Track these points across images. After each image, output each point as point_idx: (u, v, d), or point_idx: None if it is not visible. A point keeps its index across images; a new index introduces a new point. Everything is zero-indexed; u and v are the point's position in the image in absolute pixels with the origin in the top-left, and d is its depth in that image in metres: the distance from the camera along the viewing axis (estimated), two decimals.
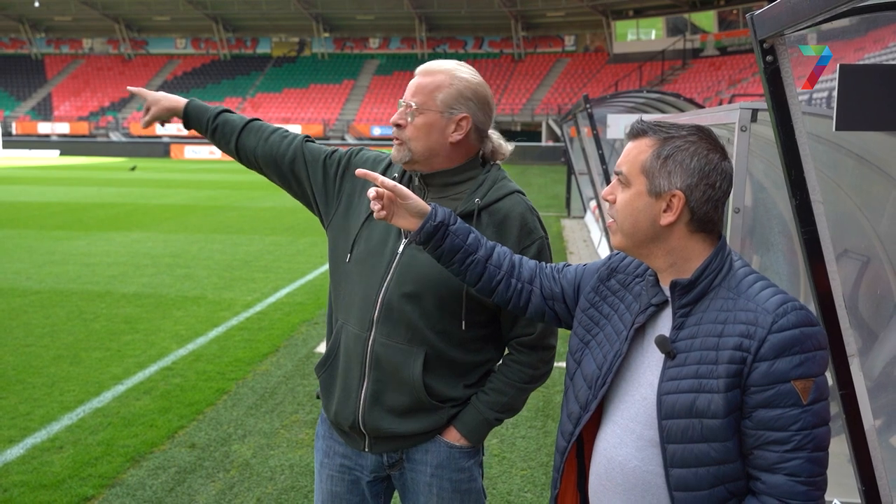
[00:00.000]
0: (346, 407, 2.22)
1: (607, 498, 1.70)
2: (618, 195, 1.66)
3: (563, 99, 50.30)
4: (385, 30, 60.25)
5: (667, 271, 1.65)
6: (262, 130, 2.50)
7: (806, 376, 1.49)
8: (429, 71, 2.21)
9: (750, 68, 41.42)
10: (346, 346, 2.21)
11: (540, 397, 5.82)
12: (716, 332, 1.56)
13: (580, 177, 17.29)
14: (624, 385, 1.70)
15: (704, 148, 1.61)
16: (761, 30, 2.70)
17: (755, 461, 1.54)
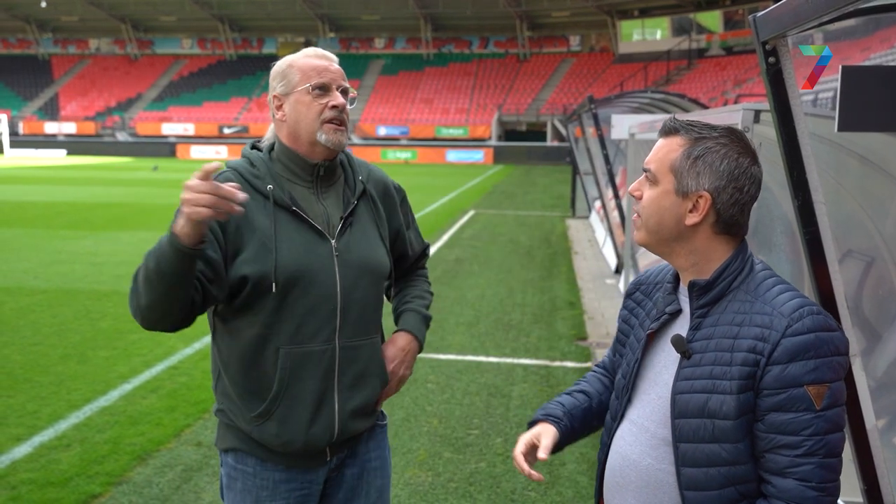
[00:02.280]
0: (317, 430, 2.11)
1: (620, 495, 1.72)
2: (644, 192, 1.66)
3: (568, 99, 50.25)
4: (390, 30, 60.28)
5: (688, 271, 1.66)
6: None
7: (820, 381, 1.48)
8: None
9: (755, 68, 41.31)
10: (300, 370, 2.08)
11: (545, 397, 5.84)
12: (731, 333, 1.56)
13: (585, 177, 17.31)
14: (641, 384, 1.72)
15: (735, 151, 1.60)
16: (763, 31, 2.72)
17: (766, 464, 1.53)
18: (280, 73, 2.14)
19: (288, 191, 2.10)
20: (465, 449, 4.88)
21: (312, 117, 2.09)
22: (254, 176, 2.08)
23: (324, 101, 2.09)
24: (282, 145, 2.15)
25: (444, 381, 6.17)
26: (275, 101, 2.14)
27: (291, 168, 2.12)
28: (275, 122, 2.17)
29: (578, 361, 6.78)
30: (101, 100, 58.11)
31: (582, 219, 17.54)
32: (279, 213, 2.06)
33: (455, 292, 9.55)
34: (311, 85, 2.08)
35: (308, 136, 2.10)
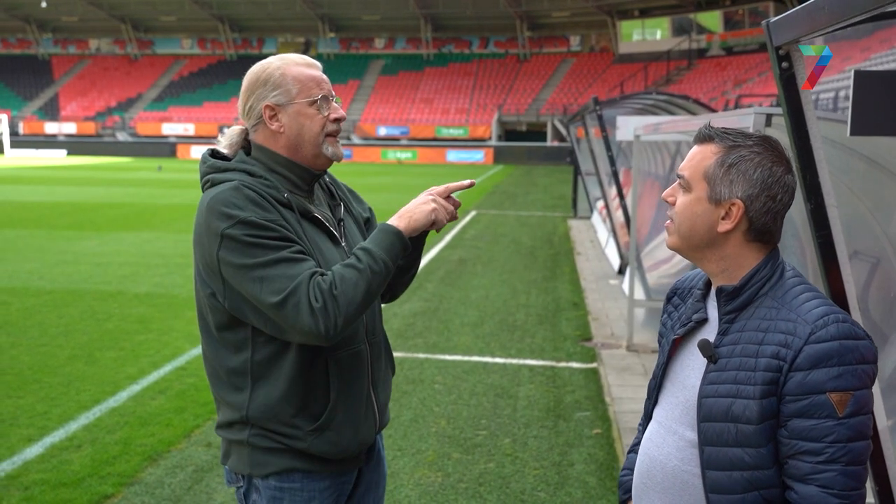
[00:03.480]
0: (365, 428, 2.16)
1: (647, 496, 1.74)
2: (678, 198, 1.69)
3: (568, 99, 50.26)
4: (391, 30, 60.28)
5: (718, 276, 1.68)
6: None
7: (843, 389, 1.49)
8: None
9: (755, 68, 41.33)
10: (350, 373, 2.11)
11: (551, 397, 5.87)
12: (757, 339, 1.58)
13: (587, 177, 17.33)
14: (671, 387, 1.75)
15: (769, 160, 1.63)
16: (777, 37, 2.74)
17: (789, 470, 1.55)
18: (273, 81, 2.06)
19: (296, 199, 2.09)
20: (473, 449, 4.91)
21: (317, 130, 2.08)
22: (267, 187, 2.02)
23: (325, 113, 2.09)
24: (276, 155, 2.09)
25: (451, 381, 6.20)
26: (268, 111, 2.06)
27: (290, 178, 2.10)
28: (264, 132, 2.09)
29: (584, 362, 6.80)
30: (101, 100, 58.11)
31: (584, 219, 17.56)
32: (303, 222, 2.07)
33: (459, 293, 9.58)
34: (315, 98, 2.07)
35: (313, 149, 2.09)
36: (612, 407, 5.70)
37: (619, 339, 7.52)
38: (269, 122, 2.07)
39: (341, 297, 1.90)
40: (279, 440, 2.06)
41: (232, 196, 1.96)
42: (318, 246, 2.06)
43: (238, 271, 1.93)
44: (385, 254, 1.97)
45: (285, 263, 1.91)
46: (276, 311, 1.90)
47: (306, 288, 1.89)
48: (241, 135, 2.16)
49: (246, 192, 1.97)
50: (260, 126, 2.10)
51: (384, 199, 20.65)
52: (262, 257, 1.91)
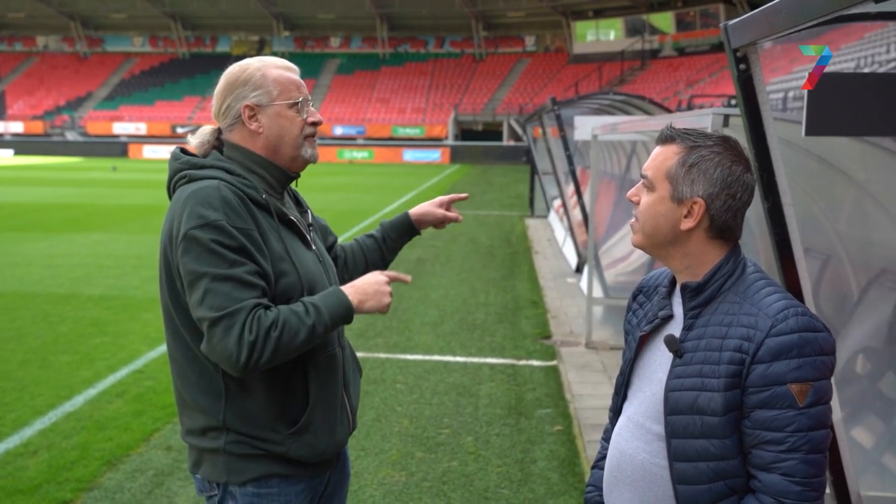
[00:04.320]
0: (340, 431, 2.17)
1: (618, 489, 1.78)
2: (642, 197, 1.73)
3: (524, 99, 50.55)
4: (346, 29, 60.03)
5: (682, 273, 1.72)
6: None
7: (803, 380, 1.54)
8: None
9: (707, 69, 42.02)
10: (327, 376, 2.12)
11: (512, 395, 5.91)
12: (720, 334, 1.62)
13: (544, 177, 17.47)
14: (638, 383, 1.79)
15: (728, 159, 1.67)
16: (736, 39, 2.80)
17: (753, 460, 1.59)
18: (253, 82, 2.07)
19: (272, 201, 2.09)
20: (436, 448, 4.93)
21: (297, 133, 2.10)
22: (246, 187, 2.02)
23: (304, 116, 2.12)
24: (253, 154, 2.10)
25: (413, 381, 6.21)
26: (247, 110, 2.06)
27: (267, 179, 2.11)
28: (241, 132, 2.09)
29: (544, 360, 6.86)
30: (49, 98, 56.87)
31: (541, 218, 17.68)
32: (280, 225, 2.08)
33: (418, 292, 9.59)
34: (295, 101, 2.09)
35: (292, 151, 2.11)
36: (573, 404, 5.76)
37: (578, 336, 7.60)
38: (248, 121, 2.08)
39: (276, 340, 1.90)
40: (258, 445, 2.04)
41: (211, 196, 1.94)
42: (293, 248, 2.07)
43: (189, 274, 1.92)
44: (329, 319, 1.98)
45: (234, 283, 1.90)
46: (207, 326, 1.90)
47: (245, 316, 1.88)
48: (213, 134, 2.14)
49: (225, 193, 1.95)
50: (237, 126, 2.10)
51: (340, 199, 20.57)
52: (215, 269, 1.90)
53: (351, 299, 2.02)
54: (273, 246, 2.02)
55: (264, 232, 2.01)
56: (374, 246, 2.51)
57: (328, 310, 1.98)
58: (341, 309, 2.00)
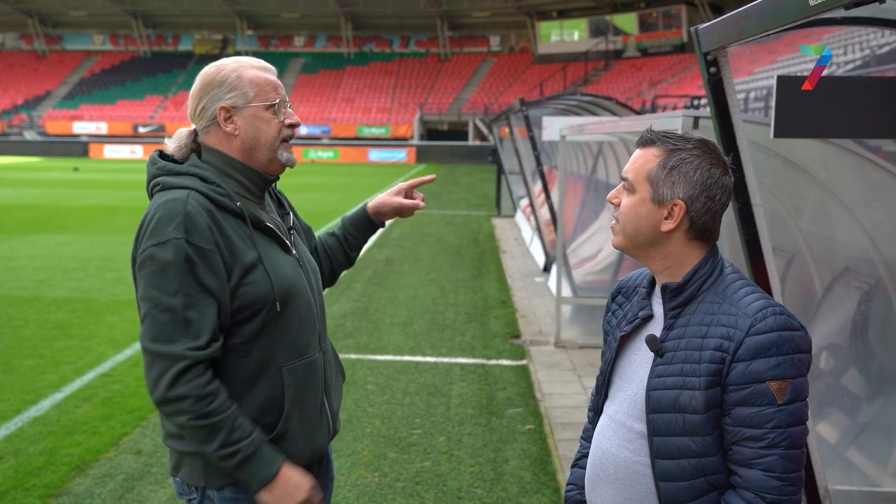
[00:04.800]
0: (320, 437, 2.17)
1: (600, 488, 1.80)
2: (622, 199, 1.76)
3: (489, 98, 50.69)
4: (310, 28, 59.69)
5: (662, 274, 1.75)
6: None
7: (782, 377, 1.58)
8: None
9: (670, 69, 42.49)
10: (305, 383, 2.11)
11: (483, 395, 5.94)
12: (700, 333, 1.66)
13: (510, 176, 17.54)
14: (619, 382, 1.81)
15: (708, 162, 1.70)
16: (706, 43, 2.86)
17: (733, 456, 1.63)
18: (229, 83, 2.05)
19: (249, 207, 2.07)
20: (409, 449, 4.93)
21: (273, 135, 2.07)
22: (219, 195, 2.00)
23: (281, 118, 2.09)
24: (230, 159, 2.07)
25: (384, 381, 6.21)
26: (223, 112, 2.04)
27: (243, 183, 2.08)
28: (217, 134, 2.07)
29: (514, 359, 6.90)
30: (6, 97, 55.75)
31: (508, 218, 17.76)
32: (255, 232, 2.05)
33: (387, 293, 9.59)
34: (272, 103, 2.06)
35: (268, 154, 2.08)
36: (543, 403, 5.80)
37: (547, 335, 7.65)
38: (224, 123, 2.05)
39: (198, 408, 1.90)
40: None
41: (175, 211, 1.94)
42: (268, 255, 2.05)
43: (140, 290, 1.96)
44: (240, 467, 1.94)
45: (172, 316, 1.91)
46: (143, 348, 1.95)
47: (178, 367, 1.90)
48: (189, 136, 2.12)
49: (190, 208, 1.94)
50: (212, 128, 2.07)
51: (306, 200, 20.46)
52: (160, 294, 1.92)
53: (266, 483, 1.97)
54: (244, 256, 2.00)
55: (233, 244, 1.98)
56: (336, 245, 2.49)
57: (248, 464, 1.95)
58: (253, 479, 1.97)
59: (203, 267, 1.93)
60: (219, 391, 1.95)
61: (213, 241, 1.95)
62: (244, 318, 2.01)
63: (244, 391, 2.04)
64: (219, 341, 1.96)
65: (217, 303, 1.95)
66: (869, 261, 4.24)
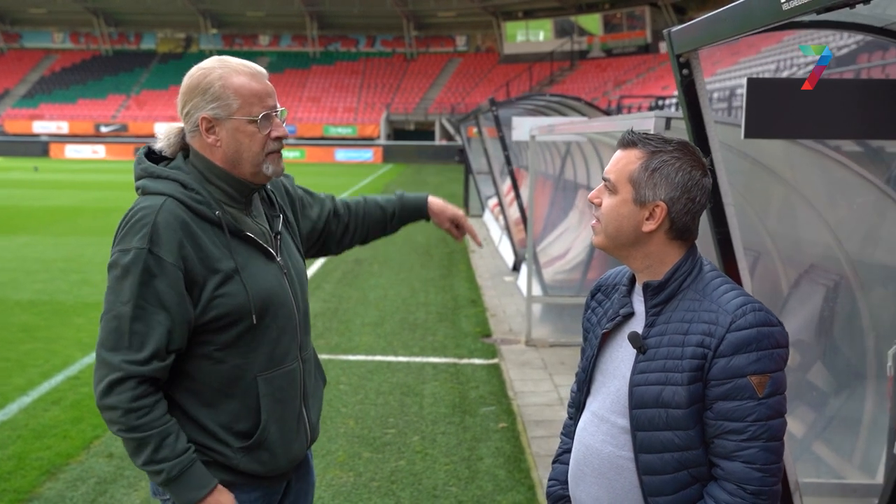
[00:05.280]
0: (297, 446, 2.14)
1: (584, 482, 1.83)
2: (604, 199, 1.78)
3: (455, 98, 50.76)
4: (276, 27, 59.28)
5: (643, 272, 1.79)
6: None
7: (762, 372, 1.62)
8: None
9: (634, 70, 42.91)
10: (281, 393, 2.08)
11: (456, 394, 5.97)
12: (682, 330, 1.70)
13: (478, 176, 17.58)
14: (601, 378, 1.84)
15: (688, 164, 1.73)
16: (679, 45, 2.91)
17: (715, 449, 1.67)
18: (212, 92, 1.97)
19: (229, 214, 2.02)
20: (383, 448, 4.94)
21: (257, 150, 2.01)
22: (198, 203, 1.96)
23: (266, 131, 2.01)
24: (213, 166, 2.02)
25: (357, 381, 6.21)
26: (204, 123, 1.97)
27: (226, 190, 2.04)
28: (201, 141, 2.02)
29: (485, 358, 6.94)
30: None
31: (476, 217, 17.80)
32: (233, 241, 2.00)
33: (358, 293, 9.58)
34: (255, 118, 1.99)
35: (252, 168, 2.02)
36: (516, 401, 5.85)
37: (518, 334, 7.71)
38: (206, 134, 1.99)
39: (125, 421, 1.89)
40: (208, 454, 2.02)
41: (146, 219, 1.91)
42: (247, 265, 2.00)
43: (107, 293, 1.95)
44: (171, 477, 1.92)
45: (119, 325, 1.90)
46: (97, 352, 1.94)
47: (113, 377, 1.88)
48: (179, 135, 2.07)
49: (161, 218, 1.91)
50: (196, 134, 2.02)
51: None
52: (114, 300, 1.91)
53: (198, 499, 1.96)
54: (220, 265, 1.96)
55: (208, 255, 1.95)
56: (380, 217, 2.52)
57: (174, 484, 1.93)
58: (179, 499, 1.95)
59: (162, 280, 1.90)
60: (151, 406, 1.91)
61: (178, 256, 1.91)
62: (219, 327, 1.98)
63: (217, 399, 2.01)
64: (164, 360, 1.92)
65: (171, 319, 1.91)
66: (834, 258, 4.35)
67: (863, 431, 4.15)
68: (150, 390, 1.92)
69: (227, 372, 2.01)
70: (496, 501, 4.28)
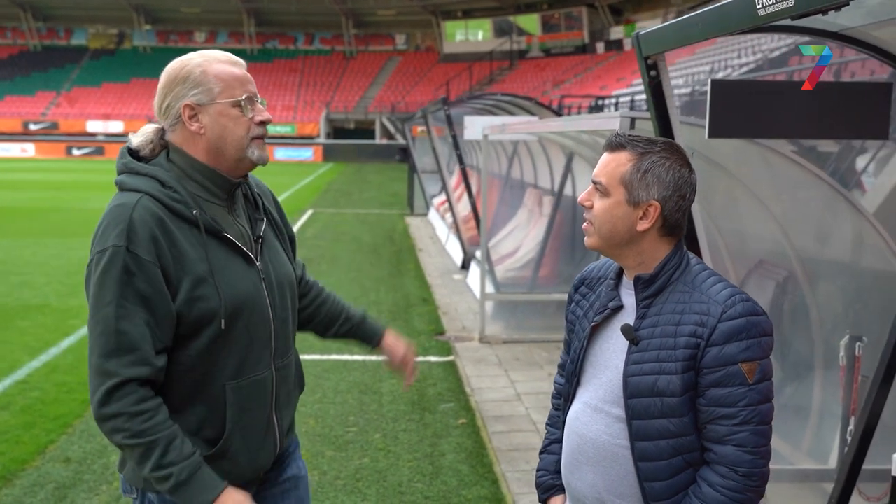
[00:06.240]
0: (263, 455, 2.10)
1: (580, 471, 1.89)
2: (595, 202, 1.84)
3: (396, 97, 50.70)
4: (212, 23, 58.28)
5: (634, 268, 1.86)
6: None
7: (751, 359, 1.71)
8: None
9: (572, 70, 43.50)
10: (249, 401, 2.04)
11: (414, 391, 6.00)
12: (674, 321, 1.77)
13: (423, 175, 17.64)
14: (592, 370, 1.90)
15: (677, 163, 1.80)
16: (647, 48, 3.00)
17: (708, 434, 1.75)
18: (193, 79, 1.96)
19: (210, 213, 1.99)
20: (346, 446, 4.96)
21: (242, 133, 2.00)
22: (175, 201, 1.93)
23: (250, 115, 2.01)
24: (194, 161, 2.00)
25: (314, 381, 6.19)
26: (187, 110, 1.96)
27: (207, 186, 2.01)
28: (183, 133, 2.00)
29: (441, 356, 7.00)
30: None
31: (421, 216, 17.85)
32: (209, 241, 1.96)
33: None
34: (239, 99, 1.99)
35: (236, 153, 2.00)
36: (473, 397, 5.91)
37: (471, 331, 7.78)
38: (189, 122, 1.97)
39: (132, 426, 1.86)
40: None
41: (122, 217, 1.89)
42: (222, 268, 1.97)
43: (89, 298, 1.91)
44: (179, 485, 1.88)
45: (105, 327, 1.86)
46: (89, 360, 1.90)
47: (111, 383, 1.85)
48: (157, 134, 2.04)
49: (137, 215, 1.89)
50: (178, 126, 1.99)
51: None
52: (97, 303, 1.88)
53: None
54: (195, 267, 1.93)
55: (183, 255, 1.92)
56: (335, 316, 2.45)
57: (184, 489, 1.88)
58: (200, 492, 1.89)
59: (141, 279, 1.87)
60: (156, 409, 1.88)
61: (154, 253, 1.88)
62: (189, 332, 1.95)
63: (184, 405, 1.98)
64: (156, 360, 1.89)
65: (154, 317, 1.89)
66: (783, 253, 4.51)
67: (812, 419, 4.33)
68: (151, 394, 1.90)
69: (196, 378, 1.98)
70: (461, 496, 4.34)
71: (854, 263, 4.27)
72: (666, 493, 1.79)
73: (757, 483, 1.72)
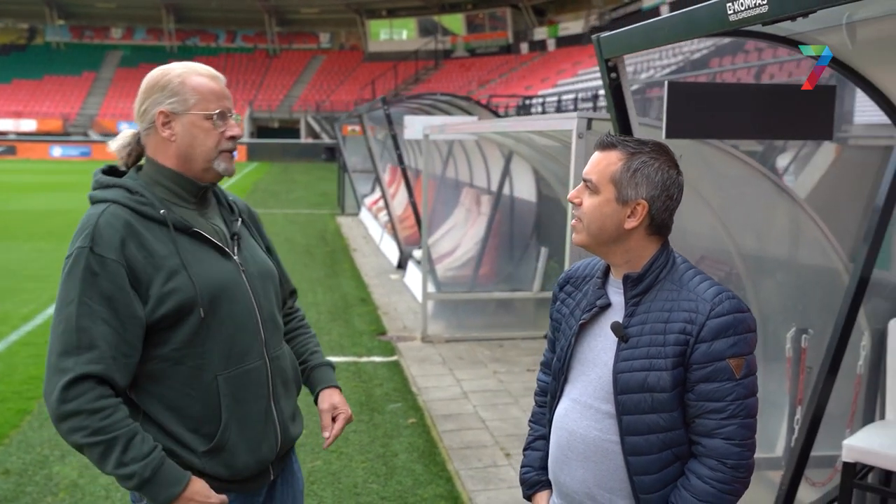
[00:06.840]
0: (265, 447, 2.12)
1: (569, 466, 1.93)
2: (584, 199, 1.87)
3: (321, 96, 50.27)
4: (129, 19, 56.71)
5: (622, 266, 1.89)
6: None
7: (738, 355, 1.76)
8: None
9: (497, 70, 43.90)
10: (243, 392, 2.07)
11: (361, 392, 5.98)
12: (663, 318, 1.81)
13: (354, 174, 17.55)
14: (580, 367, 1.93)
15: (666, 164, 1.85)
16: (608, 50, 3.07)
17: (696, 428, 1.80)
18: (171, 88, 2.04)
19: (178, 213, 2.04)
20: (297, 449, 4.86)
21: (211, 145, 2.06)
22: (142, 204, 1.99)
23: (221, 129, 2.08)
24: (161, 167, 2.06)
25: None
26: (161, 116, 2.03)
27: (174, 190, 2.07)
28: (155, 138, 2.06)
29: (385, 356, 6.98)
30: None
31: (352, 216, 17.76)
32: (179, 238, 2.01)
33: None
34: (212, 113, 2.05)
35: (204, 163, 2.06)
36: (421, 396, 5.92)
37: (413, 331, 7.79)
38: (162, 128, 2.04)
39: (91, 423, 1.87)
40: (174, 459, 1.99)
41: (87, 224, 1.96)
42: (194, 261, 2.01)
43: (56, 301, 1.95)
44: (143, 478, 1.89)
45: (66, 325, 1.89)
46: (47, 361, 1.91)
47: (66, 379, 1.87)
48: (134, 137, 2.10)
49: (103, 220, 1.95)
50: (151, 131, 2.06)
51: None
52: (61, 299, 1.92)
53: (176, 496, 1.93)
54: (167, 262, 1.97)
55: (154, 253, 1.96)
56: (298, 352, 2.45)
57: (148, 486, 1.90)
58: (155, 499, 1.91)
59: (105, 278, 1.91)
60: (115, 407, 1.89)
61: (120, 253, 1.92)
62: (171, 324, 1.97)
63: (180, 401, 2.00)
64: (117, 358, 1.91)
65: (117, 317, 1.91)
66: (724, 250, 4.65)
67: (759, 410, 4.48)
68: (109, 392, 1.91)
69: (186, 372, 2.00)
70: (417, 495, 4.35)
71: (794, 259, 4.43)
72: (655, 486, 1.83)
73: (744, 474, 1.78)
